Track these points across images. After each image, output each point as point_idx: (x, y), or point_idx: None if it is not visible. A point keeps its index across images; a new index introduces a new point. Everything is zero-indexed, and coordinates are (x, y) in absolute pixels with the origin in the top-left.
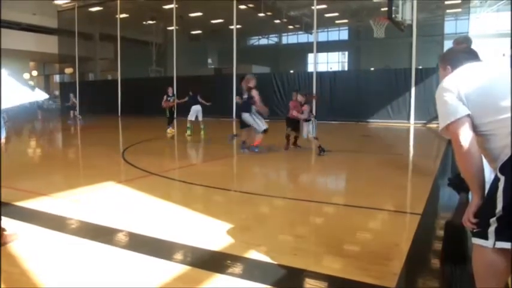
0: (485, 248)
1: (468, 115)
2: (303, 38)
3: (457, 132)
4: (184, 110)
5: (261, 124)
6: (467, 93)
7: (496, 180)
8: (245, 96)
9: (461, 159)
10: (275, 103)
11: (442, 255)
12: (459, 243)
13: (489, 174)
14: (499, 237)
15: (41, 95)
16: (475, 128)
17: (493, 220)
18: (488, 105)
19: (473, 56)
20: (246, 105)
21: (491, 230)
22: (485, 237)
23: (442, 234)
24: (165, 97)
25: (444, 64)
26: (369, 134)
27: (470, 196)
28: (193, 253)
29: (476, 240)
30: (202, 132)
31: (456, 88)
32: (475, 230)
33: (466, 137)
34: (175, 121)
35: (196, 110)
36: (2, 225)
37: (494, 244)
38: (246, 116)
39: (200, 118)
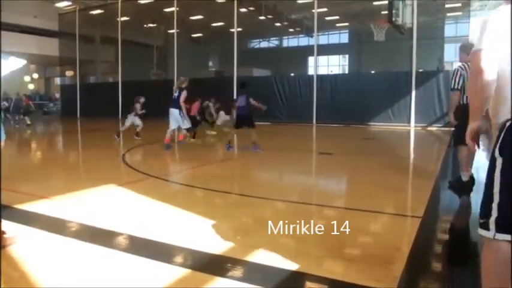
0: (492, 244)
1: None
2: (303, 41)
3: (483, 58)
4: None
5: (186, 122)
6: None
7: (493, 160)
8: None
9: (476, 83)
10: (276, 106)
11: (443, 258)
12: (461, 246)
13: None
14: (499, 229)
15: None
16: None
17: (494, 205)
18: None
19: None
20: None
21: (492, 220)
22: (487, 228)
23: (443, 237)
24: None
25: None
26: (370, 136)
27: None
28: (194, 256)
29: (480, 231)
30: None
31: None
32: (480, 221)
33: (490, 64)
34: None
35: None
36: (2, 228)
37: (494, 235)
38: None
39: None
